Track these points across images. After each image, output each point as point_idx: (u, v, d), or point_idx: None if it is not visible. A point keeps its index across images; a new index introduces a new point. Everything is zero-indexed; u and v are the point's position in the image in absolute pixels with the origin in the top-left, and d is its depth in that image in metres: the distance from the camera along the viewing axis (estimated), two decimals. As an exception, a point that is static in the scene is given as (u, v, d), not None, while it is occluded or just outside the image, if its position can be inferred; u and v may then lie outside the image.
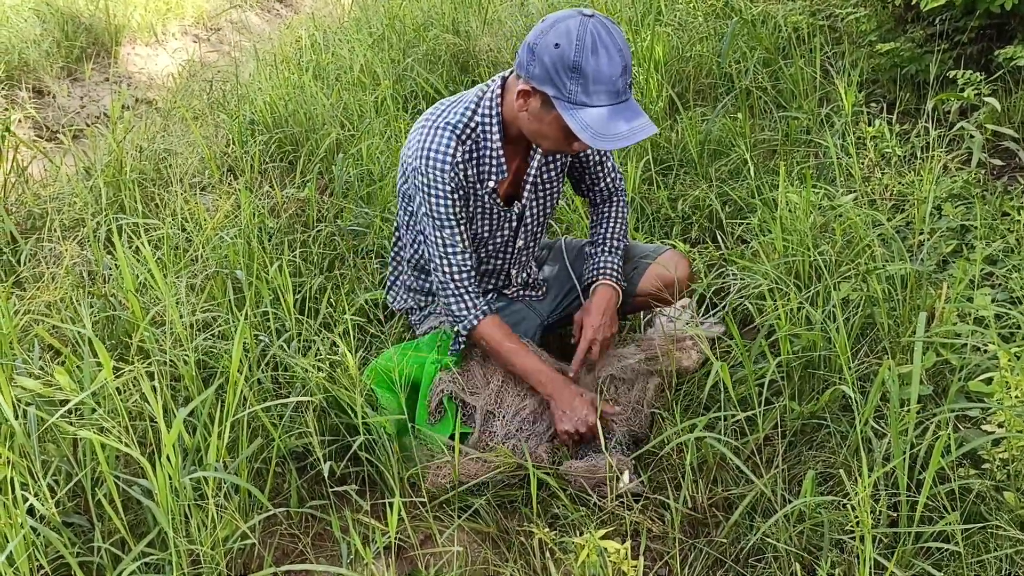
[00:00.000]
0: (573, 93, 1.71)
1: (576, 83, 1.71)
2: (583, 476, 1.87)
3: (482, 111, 1.92)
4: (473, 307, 2.03)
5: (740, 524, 1.72)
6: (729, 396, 1.82)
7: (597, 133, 1.71)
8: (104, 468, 1.45)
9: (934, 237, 2.35)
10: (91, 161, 3.20)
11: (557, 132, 1.80)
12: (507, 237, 2.15)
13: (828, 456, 1.79)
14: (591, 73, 1.69)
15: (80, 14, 5.91)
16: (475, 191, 1.99)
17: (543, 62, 1.73)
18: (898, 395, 1.58)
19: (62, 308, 2.03)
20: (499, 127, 1.92)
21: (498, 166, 1.95)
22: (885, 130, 2.83)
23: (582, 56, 1.69)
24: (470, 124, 1.93)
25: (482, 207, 2.03)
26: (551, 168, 2.09)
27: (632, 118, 1.75)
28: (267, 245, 2.49)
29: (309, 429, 1.76)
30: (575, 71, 1.70)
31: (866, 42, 3.86)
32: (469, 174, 1.95)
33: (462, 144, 1.92)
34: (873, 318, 2.03)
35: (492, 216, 2.06)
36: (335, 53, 4.39)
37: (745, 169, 2.99)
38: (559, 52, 1.70)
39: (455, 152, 1.91)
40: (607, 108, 1.72)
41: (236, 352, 1.56)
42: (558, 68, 1.71)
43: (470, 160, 1.95)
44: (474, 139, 1.94)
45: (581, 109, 1.72)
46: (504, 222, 2.10)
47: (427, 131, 1.93)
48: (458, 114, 1.94)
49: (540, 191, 2.11)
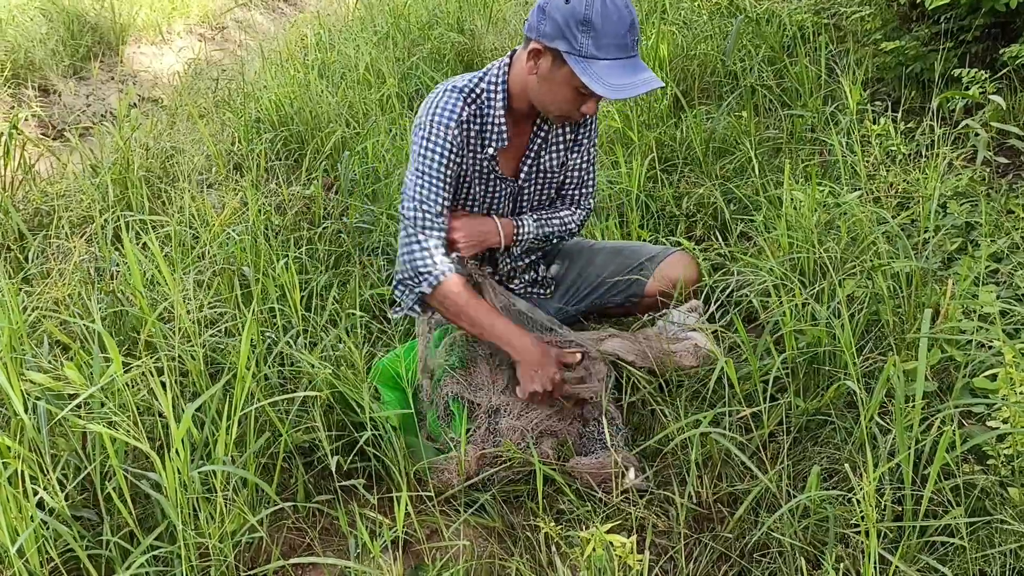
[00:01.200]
0: (584, 46, 1.77)
1: (587, 36, 1.76)
2: (589, 472, 1.88)
3: (489, 78, 1.99)
4: (439, 263, 1.97)
5: (745, 519, 1.73)
6: (735, 392, 1.83)
7: (608, 83, 1.76)
8: (114, 461, 1.46)
9: (939, 235, 2.36)
10: (98, 159, 3.22)
11: (567, 92, 1.85)
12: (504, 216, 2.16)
13: (833, 452, 1.80)
14: (601, 26, 1.75)
15: (86, 13, 5.93)
16: (475, 154, 2.03)
17: (554, 19, 1.79)
18: (903, 391, 1.58)
19: (70, 304, 2.04)
20: (504, 95, 1.97)
21: (499, 133, 1.99)
22: (890, 128, 2.83)
23: (592, 10, 1.74)
24: (476, 89, 1.99)
25: (479, 172, 2.06)
26: (552, 156, 2.13)
27: (640, 71, 1.80)
28: (273, 242, 2.50)
29: (316, 424, 1.77)
30: (586, 24, 1.75)
31: (871, 41, 3.86)
32: (471, 135, 1.99)
33: (467, 105, 1.97)
34: (878, 315, 2.03)
35: (485, 183, 2.09)
36: (340, 52, 4.40)
37: (750, 167, 3.00)
38: (570, 8, 1.76)
39: (461, 111, 1.96)
40: (617, 61, 1.78)
41: (244, 347, 1.57)
42: (569, 23, 1.77)
43: (473, 124, 1.99)
44: (479, 104, 1.99)
45: (593, 62, 1.77)
46: (501, 195, 2.12)
47: (436, 95, 1.99)
48: (465, 79, 2.00)
49: (539, 175, 2.14)
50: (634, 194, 2.87)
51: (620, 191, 2.96)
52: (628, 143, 3.26)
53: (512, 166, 2.12)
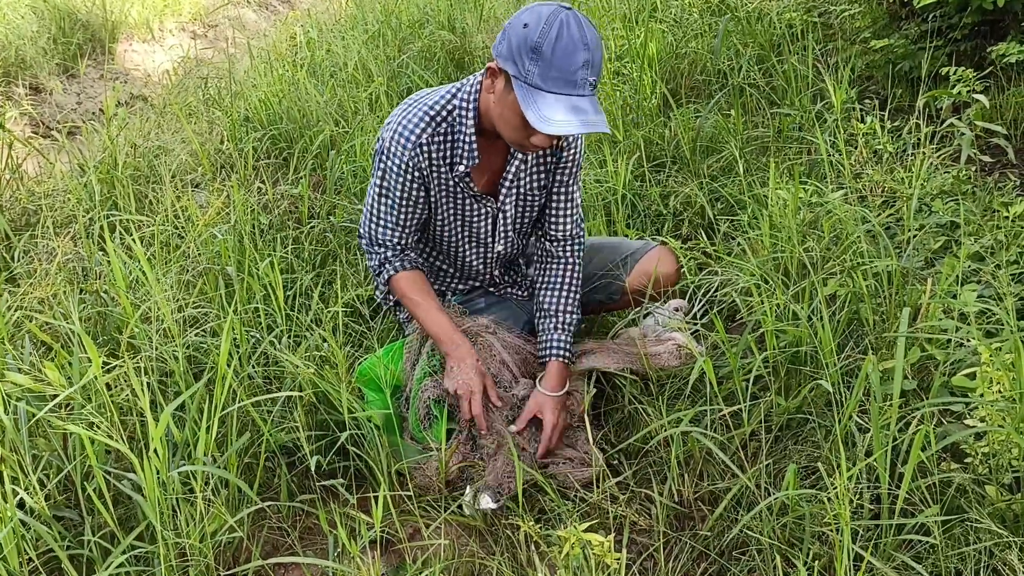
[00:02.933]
0: (530, 74, 1.72)
1: (535, 64, 1.70)
2: (568, 471, 1.88)
3: (461, 96, 1.95)
4: (388, 264, 2.08)
5: (724, 517, 1.74)
6: (716, 391, 1.83)
7: (543, 117, 1.70)
8: (93, 462, 1.47)
9: (921, 233, 2.37)
10: (85, 158, 3.21)
11: (516, 118, 1.80)
12: (484, 237, 2.15)
13: (812, 450, 1.81)
14: (549, 57, 1.69)
15: (77, 10, 5.92)
16: (441, 175, 2.00)
17: (510, 40, 1.74)
18: (880, 390, 1.60)
19: (54, 304, 2.04)
20: (474, 113, 1.94)
21: (469, 151, 1.96)
22: (877, 127, 2.84)
23: (544, 39, 1.69)
24: (447, 107, 1.96)
25: (448, 191, 2.04)
26: (533, 178, 2.09)
27: (585, 112, 1.73)
28: (259, 241, 2.50)
29: (298, 424, 1.77)
30: (535, 52, 1.70)
31: (860, 39, 3.87)
32: (435, 157, 1.97)
33: (434, 126, 1.95)
34: (859, 314, 2.04)
35: (461, 203, 2.06)
36: (330, 50, 4.40)
37: (737, 166, 3.01)
38: (525, 32, 1.71)
39: (421, 133, 1.94)
40: (563, 96, 1.72)
41: (224, 346, 1.58)
42: (521, 48, 1.71)
43: (443, 143, 1.97)
44: (449, 122, 1.96)
45: (536, 92, 1.72)
46: (478, 215, 2.10)
47: (404, 108, 1.98)
48: (437, 96, 1.97)
49: (520, 197, 2.10)
50: (620, 192, 2.88)
51: (607, 189, 2.97)
52: (615, 141, 3.27)
53: (489, 185, 2.09)
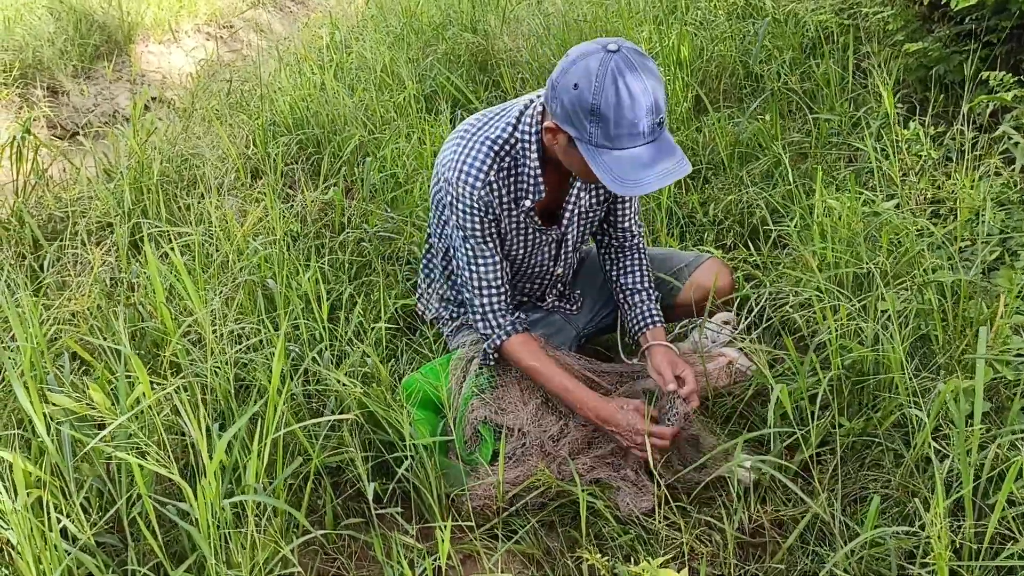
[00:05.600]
0: (594, 136, 1.61)
1: (596, 126, 1.60)
2: (631, 501, 1.81)
3: (522, 127, 1.84)
4: (498, 326, 1.95)
5: (793, 546, 1.66)
6: (784, 412, 1.76)
7: (618, 177, 1.60)
8: (143, 491, 1.40)
9: (978, 243, 2.29)
10: (111, 163, 3.15)
11: (586, 169, 1.68)
12: (546, 262, 2.08)
13: (884, 475, 1.73)
14: (611, 117, 1.58)
15: (93, 11, 5.87)
16: (509, 210, 1.91)
17: (563, 102, 1.63)
18: (962, 417, 1.52)
19: (90, 318, 1.98)
20: (538, 146, 1.83)
21: (535, 185, 1.86)
22: (920, 133, 2.76)
23: (601, 99, 1.57)
24: (509, 140, 1.85)
25: (516, 226, 1.95)
26: (592, 195, 2.01)
27: (659, 159, 1.62)
28: (295, 252, 2.44)
29: (349, 449, 1.70)
30: (594, 115, 1.59)
31: (892, 42, 3.79)
32: (503, 193, 1.88)
33: (499, 160, 1.85)
34: (922, 329, 1.97)
35: (528, 236, 1.98)
36: (357, 53, 4.33)
37: (778, 172, 2.93)
38: (577, 94, 1.59)
39: (489, 170, 1.83)
40: (632, 150, 1.61)
41: (276, 371, 1.50)
42: (577, 110, 1.60)
43: (507, 178, 1.87)
44: (513, 156, 1.85)
45: (604, 152, 1.62)
46: (543, 244, 2.02)
47: (465, 143, 1.86)
48: (499, 129, 1.85)
49: (581, 216, 2.02)
50: (662, 201, 2.80)
51: (648, 197, 2.90)
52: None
53: (550, 211, 2.00)
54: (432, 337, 2.27)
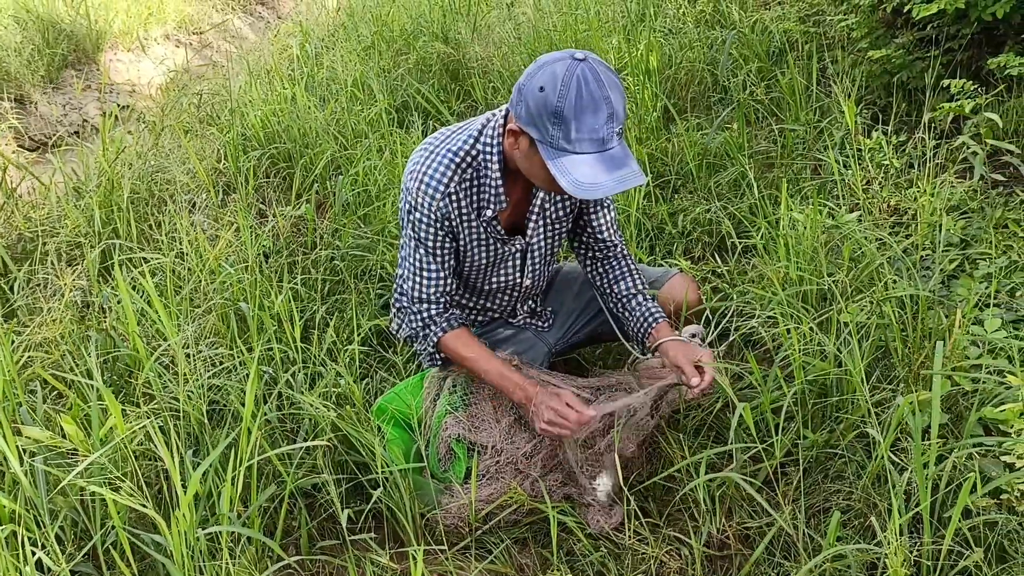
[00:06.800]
0: (555, 139, 1.68)
1: (557, 128, 1.66)
2: (600, 518, 1.85)
3: (484, 139, 1.89)
4: (434, 323, 2.02)
5: (760, 559, 1.71)
6: (746, 426, 1.80)
7: (576, 181, 1.66)
8: (117, 524, 1.41)
9: (937, 253, 2.34)
10: (81, 179, 3.13)
11: (545, 174, 1.75)
12: (512, 274, 2.11)
13: (845, 488, 1.78)
14: (573, 121, 1.65)
15: (61, 20, 5.81)
16: (470, 221, 1.96)
17: (528, 105, 1.69)
18: (920, 431, 1.57)
19: (62, 344, 1.98)
20: (499, 157, 1.89)
21: (496, 196, 1.91)
22: (883, 142, 2.82)
23: (564, 103, 1.64)
24: (471, 152, 1.90)
25: (478, 237, 1.99)
26: (559, 207, 2.05)
27: (616, 167, 1.69)
28: (267, 271, 2.45)
29: (320, 470, 1.72)
30: (557, 117, 1.65)
31: (856, 49, 3.85)
32: (463, 204, 1.92)
33: (460, 172, 1.90)
34: (884, 343, 2.02)
35: (490, 247, 2.02)
36: (328, 66, 4.33)
37: (744, 182, 2.98)
38: (543, 96, 1.66)
39: (449, 181, 1.89)
40: (590, 156, 1.68)
41: (250, 397, 1.52)
42: (541, 112, 1.67)
43: (469, 188, 1.92)
44: (475, 167, 1.91)
45: (563, 155, 1.68)
46: (507, 256, 2.06)
47: (427, 154, 1.92)
48: (460, 141, 1.91)
49: (548, 227, 2.07)
50: (631, 213, 2.84)
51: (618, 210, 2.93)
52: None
53: (516, 222, 2.04)
54: (404, 356, 2.29)
